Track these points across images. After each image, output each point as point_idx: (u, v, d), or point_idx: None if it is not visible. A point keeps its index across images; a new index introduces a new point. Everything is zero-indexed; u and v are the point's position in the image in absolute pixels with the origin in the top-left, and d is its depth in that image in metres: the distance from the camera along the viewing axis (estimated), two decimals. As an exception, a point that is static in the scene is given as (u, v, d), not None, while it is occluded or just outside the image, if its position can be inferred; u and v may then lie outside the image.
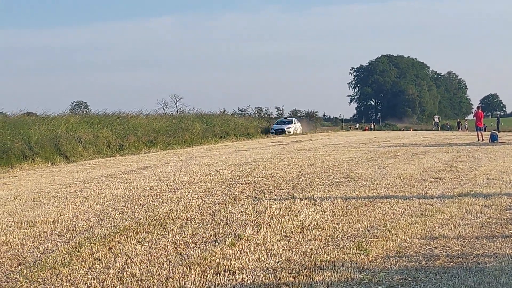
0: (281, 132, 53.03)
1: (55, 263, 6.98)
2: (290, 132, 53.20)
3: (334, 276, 6.09)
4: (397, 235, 7.82)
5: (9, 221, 9.94)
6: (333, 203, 10.47)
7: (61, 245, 7.96)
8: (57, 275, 6.49)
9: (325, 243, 7.54)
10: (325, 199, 10.91)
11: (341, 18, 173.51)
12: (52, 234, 8.69)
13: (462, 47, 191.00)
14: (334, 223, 8.73)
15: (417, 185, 12.59)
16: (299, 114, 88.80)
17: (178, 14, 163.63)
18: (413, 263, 6.54)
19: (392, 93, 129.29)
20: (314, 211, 9.73)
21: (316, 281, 5.94)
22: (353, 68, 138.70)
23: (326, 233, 8.09)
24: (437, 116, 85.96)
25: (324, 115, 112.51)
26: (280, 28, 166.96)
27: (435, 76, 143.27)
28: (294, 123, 57.12)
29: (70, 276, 6.42)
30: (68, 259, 7.12)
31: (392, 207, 9.95)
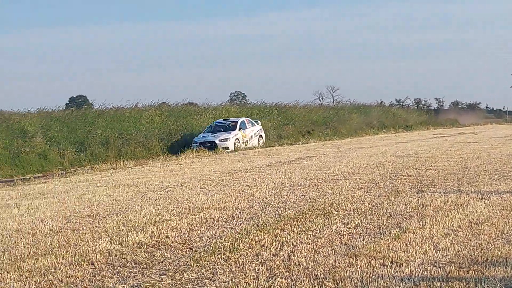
0: (209, 147, 27.50)
1: (223, 248, 7.20)
2: (227, 148, 27.93)
3: (507, 272, 5.84)
4: None
5: (178, 207, 10.39)
6: (501, 198, 10.04)
7: (228, 231, 8.20)
8: (226, 260, 6.69)
9: (495, 238, 7.26)
10: (493, 193, 10.49)
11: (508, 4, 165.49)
12: (219, 221, 8.99)
13: None
14: (503, 218, 8.37)
15: None
16: (460, 106, 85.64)
17: (331, 5, 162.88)
18: None
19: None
20: (481, 205, 9.37)
21: (488, 276, 5.72)
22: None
23: (496, 228, 7.78)
24: None
25: (487, 107, 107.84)
26: (440, 15, 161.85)
27: None
28: (242, 129, 29.84)
29: (239, 261, 6.60)
30: (235, 245, 7.32)
31: None
